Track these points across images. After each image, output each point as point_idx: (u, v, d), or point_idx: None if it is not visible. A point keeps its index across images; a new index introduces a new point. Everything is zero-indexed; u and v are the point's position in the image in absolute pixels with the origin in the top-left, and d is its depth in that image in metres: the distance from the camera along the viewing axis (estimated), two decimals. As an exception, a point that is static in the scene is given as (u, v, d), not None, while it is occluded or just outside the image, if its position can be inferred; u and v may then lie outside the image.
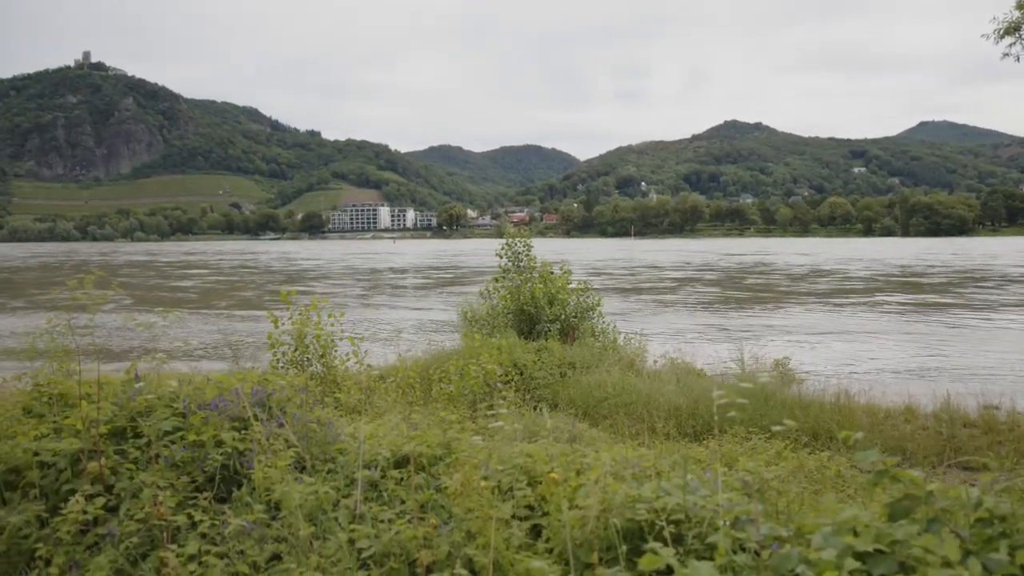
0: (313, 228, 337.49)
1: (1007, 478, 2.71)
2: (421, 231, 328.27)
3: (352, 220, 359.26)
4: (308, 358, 9.45)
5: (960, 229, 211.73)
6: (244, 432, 4.46)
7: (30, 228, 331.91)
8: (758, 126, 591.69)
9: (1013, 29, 13.20)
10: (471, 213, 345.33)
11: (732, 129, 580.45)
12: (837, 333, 24.24)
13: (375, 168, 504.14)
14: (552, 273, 14.75)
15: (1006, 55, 13.46)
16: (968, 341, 22.22)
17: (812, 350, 20.58)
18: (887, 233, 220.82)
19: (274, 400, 4.87)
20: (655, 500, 2.95)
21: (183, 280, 60.37)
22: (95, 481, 4.15)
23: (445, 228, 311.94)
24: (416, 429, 4.51)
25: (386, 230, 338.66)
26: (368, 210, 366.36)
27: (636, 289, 44.95)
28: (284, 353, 9.47)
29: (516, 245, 15.30)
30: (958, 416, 10.00)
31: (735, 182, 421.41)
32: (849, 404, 10.22)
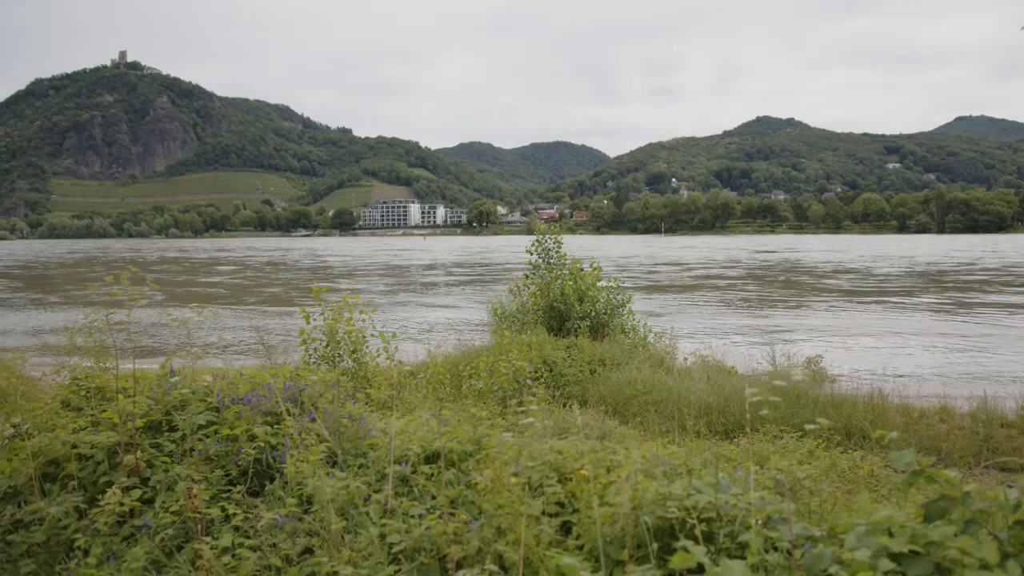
0: (344, 225, 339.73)
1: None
2: (451, 228, 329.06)
3: (383, 217, 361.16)
4: (339, 354, 9.54)
5: (998, 226, 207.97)
6: (276, 427, 4.51)
7: (68, 225, 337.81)
8: (791, 122, 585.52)
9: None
10: (501, 210, 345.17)
11: (764, 125, 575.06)
12: (870, 332, 23.92)
13: (405, 165, 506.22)
14: (582, 270, 14.70)
15: None
16: (1005, 342, 21.81)
17: (844, 349, 20.33)
18: (922, 230, 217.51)
19: (306, 395, 4.92)
20: (686, 498, 2.94)
21: (213, 276, 61.12)
22: (131, 474, 4.22)
23: (475, 225, 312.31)
24: (446, 425, 4.52)
25: (416, 227, 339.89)
26: (398, 207, 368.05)
27: (662, 286, 44.71)
28: (316, 349, 9.56)
29: (546, 242, 15.27)
30: (995, 416, 9.81)
31: (767, 178, 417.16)
32: (883, 403, 10.08)
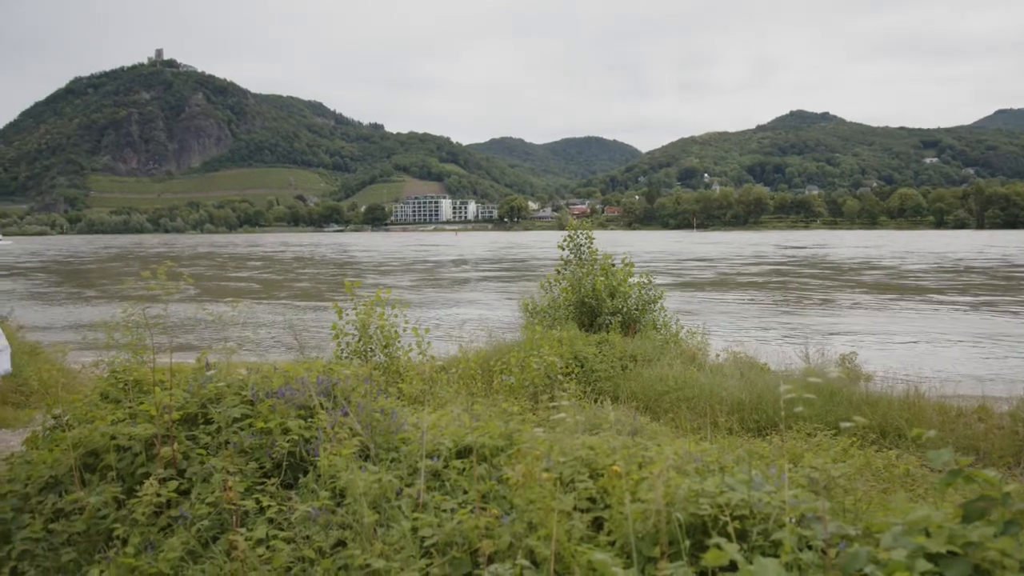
0: (376, 220, 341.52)
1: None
2: (482, 223, 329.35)
3: (414, 212, 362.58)
4: (371, 348, 9.60)
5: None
6: (310, 420, 4.55)
7: (106, 220, 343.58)
8: (825, 116, 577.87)
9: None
10: (532, 205, 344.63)
11: (798, 119, 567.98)
12: (904, 329, 23.59)
13: (437, 160, 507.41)
14: (613, 265, 14.65)
15: None
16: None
17: (879, 346, 20.06)
18: (960, 225, 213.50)
19: (339, 389, 4.95)
20: (719, 495, 2.92)
21: (244, 271, 61.84)
22: (168, 465, 4.28)
23: (506, 220, 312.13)
24: (478, 420, 4.53)
25: (448, 222, 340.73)
26: (430, 202, 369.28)
27: (692, 282, 44.41)
28: (348, 343, 9.63)
29: (578, 237, 15.24)
30: (1036, 415, 9.62)
31: (801, 173, 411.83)
32: (919, 401, 9.92)
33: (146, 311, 4.83)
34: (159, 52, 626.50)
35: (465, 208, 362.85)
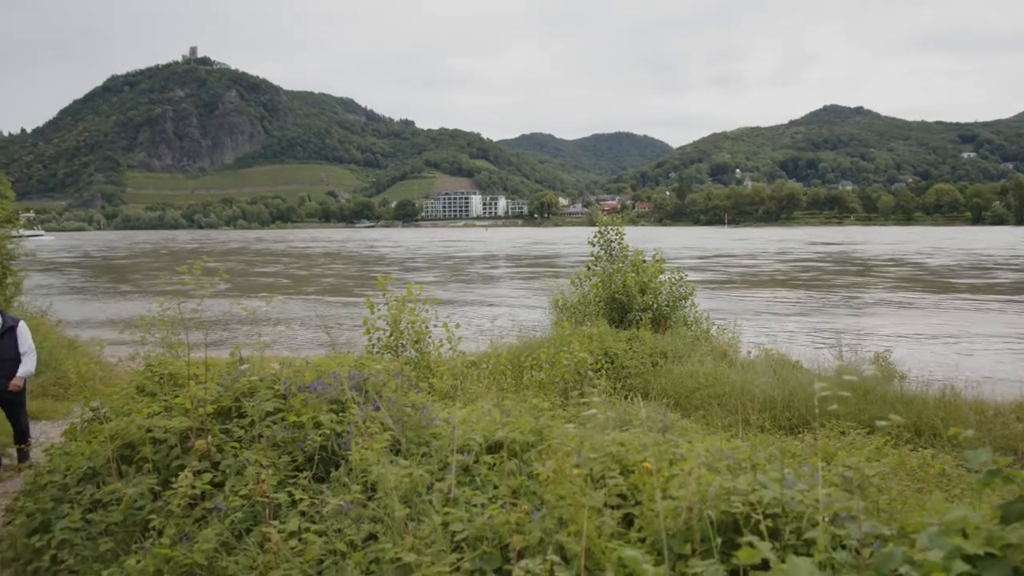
0: (407, 216, 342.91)
1: None
2: (512, 219, 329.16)
3: (445, 208, 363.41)
4: (402, 343, 9.63)
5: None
6: (341, 415, 4.58)
7: (142, 216, 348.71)
8: (859, 110, 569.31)
9: None
10: (562, 201, 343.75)
11: (832, 113, 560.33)
12: (940, 327, 23.21)
13: (467, 156, 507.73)
14: (644, 261, 14.57)
15: None
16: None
17: (914, 344, 19.77)
18: (998, 221, 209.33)
19: (370, 384, 4.98)
20: (750, 493, 2.90)
21: (274, 266, 62.46)
22: (202, 458, 4.34)
23: (536, 216, 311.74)
24: (508, 416, 4.53)
25: (478, 218, 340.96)
26: (460, 198, 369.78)
27: (723, 279, 44.05)
28: (379, 339, 9.67)
29: (608, 233, 15.17)
30: (1077, 416, 9.43)
31: (834, 169, 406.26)
32: (955, 400, 9.76)
33: (181, 306, 4.90)
34: (193, 50, 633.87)
35: (495, 204, 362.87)
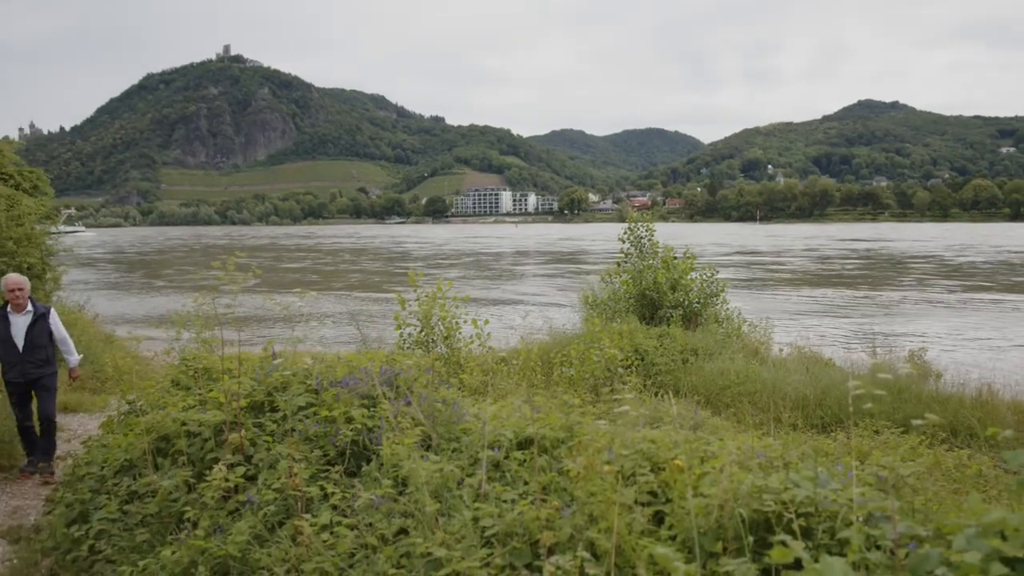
0: (437, 212, 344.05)
1: None
2: (542, 215, 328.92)
3: (475, 204, 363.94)
4: (433, 339, 9.67)
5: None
6: (373, 409, 4.61)
7: (176, 213, 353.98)
8: (895, 105, 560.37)
9: None
10: (592, 197, 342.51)
11: (866, 108, 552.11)
12: (976, 325, 22.81)
13: (497, 153, 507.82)
14: (675, 258, 14.49)
15: None
16: None
17: (949, 343, 19.45)
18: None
19: (401, 379, 5.01)
20: (783, 491, 2.87)
21: (302, 261, 63.04)
22: (236, 451, 4.39)
23: (566, 212, 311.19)
24: (538, 412, 4.53)
25: (508, 214, 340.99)
26: (490, 194, 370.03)
27: (754, 277, 43.66)
28: (410, 334, 9.72)
29: (639, 229, 15.10)
30: (1120, 416, 9.22)
31: (868, 164, 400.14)
32: (992, 400, 9.59)
33: (215, 301, 4.96)
34: (226, 48, 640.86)
35: (525, 200, 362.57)
